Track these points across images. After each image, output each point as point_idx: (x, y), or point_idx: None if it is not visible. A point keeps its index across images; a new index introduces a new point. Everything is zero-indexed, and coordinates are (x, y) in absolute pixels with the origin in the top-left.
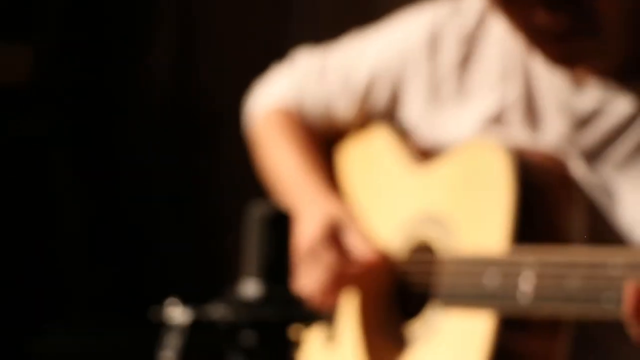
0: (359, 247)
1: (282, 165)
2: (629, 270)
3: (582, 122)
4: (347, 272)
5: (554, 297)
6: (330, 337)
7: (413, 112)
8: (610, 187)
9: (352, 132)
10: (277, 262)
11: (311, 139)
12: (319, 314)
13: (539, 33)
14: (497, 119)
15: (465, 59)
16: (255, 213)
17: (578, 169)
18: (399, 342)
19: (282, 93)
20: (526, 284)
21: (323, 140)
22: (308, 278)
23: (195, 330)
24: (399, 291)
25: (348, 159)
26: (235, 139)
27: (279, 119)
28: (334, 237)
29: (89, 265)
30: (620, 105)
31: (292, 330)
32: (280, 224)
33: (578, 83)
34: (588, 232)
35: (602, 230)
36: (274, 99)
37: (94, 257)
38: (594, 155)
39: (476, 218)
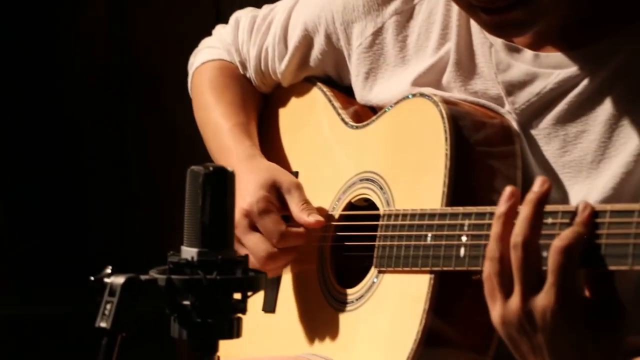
0: (300, 209)
1: (214, 121)
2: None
3: (514, 87)
4: (290, 236)
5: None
6: (269, 301)
7: (350, 69)
8: (537, 153)
9: (288, 87)
10: (214, 226)
11: (245, 94)
12: (256, 278)
13: (474, 3)
14: (433, 79)
15: (405, 20)
16: (192, 176)
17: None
18: (338, 305)
19: (222, 48)
20: (463, 241)
21: (259, 95)
22: (251, 243)
23: (132, 296)
24: (337, 253)
25: (283, 115)
26: (176, 100)
27: (215, 73)
28: (272, 201)
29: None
30: (551, 76)
31: (230, 294)
32: (216, 187)
33: (513, 49)
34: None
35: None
36: (213, 54)
37: (29, 224)
38: (523, 120)
39: (412, 175)
